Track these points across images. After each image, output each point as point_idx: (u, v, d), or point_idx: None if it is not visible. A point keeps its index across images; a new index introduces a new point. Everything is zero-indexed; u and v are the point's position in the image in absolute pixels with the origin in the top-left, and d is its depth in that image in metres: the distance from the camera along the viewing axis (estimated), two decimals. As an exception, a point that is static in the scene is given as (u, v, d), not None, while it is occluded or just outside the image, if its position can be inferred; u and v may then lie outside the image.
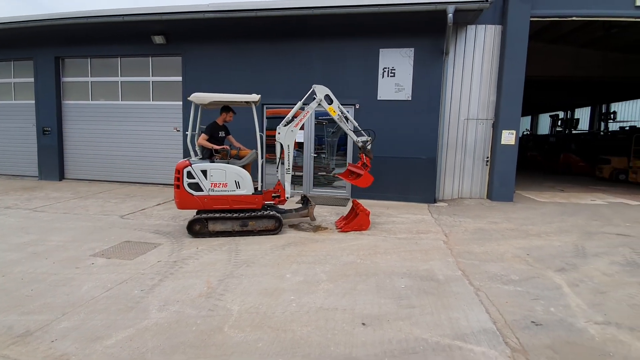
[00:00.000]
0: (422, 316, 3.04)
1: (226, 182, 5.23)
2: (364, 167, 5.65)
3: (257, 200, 5.32)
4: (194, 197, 5.17)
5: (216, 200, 5.23)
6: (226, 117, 5.77)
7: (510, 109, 8.06)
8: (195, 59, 8.93)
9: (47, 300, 3.22)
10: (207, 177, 5.18)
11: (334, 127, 8.62)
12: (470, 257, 4.56)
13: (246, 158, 5.67)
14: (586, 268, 4.29)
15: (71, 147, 10.17)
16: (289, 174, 5.56)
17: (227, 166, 5.26)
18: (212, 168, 5.21)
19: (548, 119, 23.91)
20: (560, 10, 7.95)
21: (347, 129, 5.71)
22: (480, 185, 8.59)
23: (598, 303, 3.39)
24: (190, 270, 3.99)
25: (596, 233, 5.82)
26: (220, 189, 5.23)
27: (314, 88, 5.56)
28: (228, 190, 5.24)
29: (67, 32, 9.25)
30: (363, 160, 5.71)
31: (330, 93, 5.57)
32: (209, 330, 2.77)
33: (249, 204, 5.31)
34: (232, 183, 5.25)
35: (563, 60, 12.68)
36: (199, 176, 5.16)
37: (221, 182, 5.22)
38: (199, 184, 5.16)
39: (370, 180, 5.58)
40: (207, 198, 5.20)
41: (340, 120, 5.64)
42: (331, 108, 5.57)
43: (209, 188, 5.19)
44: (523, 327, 2.93)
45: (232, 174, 5.24)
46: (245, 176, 5.28)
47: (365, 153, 5.68)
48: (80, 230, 5.44)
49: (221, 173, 5.22)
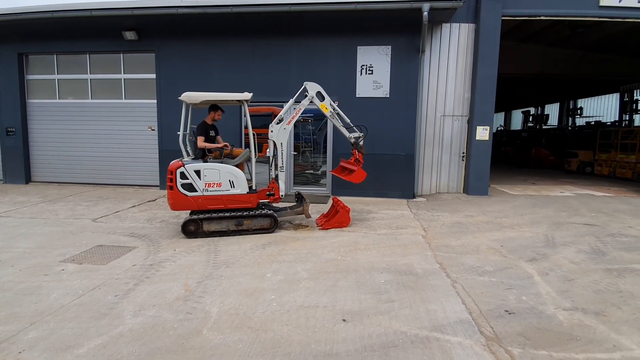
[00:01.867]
0: (401, 310, 3.10)
1: (220, 182, 5.15)
2: (357, 163, 5.69)
3: (252, 199, 5.26)
4: (188, 198, 5.08)
5: (210, 201, 5.15)
6: (215, 116, 5.68)
7: (484, 105, 8.30)
8: (169, 56, 8.67)
9: (13, 310, 3.05)
10: (200, 177, 5.09)
11: (319, 125, 8.63)
12: (448, 250, 4.68)
13: (240, 157, 5.57)
14: (555, 257, 4.49)
15: (38, 149, 9.67)
16: (282, 172, 5.52)
17: (221, 165, 5.18)
18: (206, 168, 5.12)
19: (520, 115, 24.82)
20: (529, 10, 8.24)
21: (339, 125, 5.72)
22: (457, 180, 8.82)
23: (566, 290, 3.56)
24: (167, 273, 3.89)
25: (564, 223, 6.10)
26: (215, 189, 5.15)
27: (306, 85, 5.53)
28: (222, 190, 5.17)
29: (31, 27, 8.76)
30: (355, 156, 5.75)
31: (321, 90, 5.56)
32: (187, 334, 2.72)
33: (244, 203, 5.25)
34: (227, 182, 5.17)
35: (533, 58, 13.17)
36: (193, 176, 5.06)
37: (215, 182, 5.14)
38: (193, 185, 5.07)
39: (364, 175, 5.63)
40: (201, 198, 5.11)
41: (332, 117, 5.66)
42: (323, 105, 5.59)
43: (203, 188, 5.11)
44: (497, 316, 3.03)
45: (226, 174, 5.17)
46: (240, 175, 5.21)
47: (358, 149, 5.74)
48: (49, 236, 5.19)
49: (215, 173, 5.14)
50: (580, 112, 21.22)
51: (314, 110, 8.34)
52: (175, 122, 8.41)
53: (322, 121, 9.28)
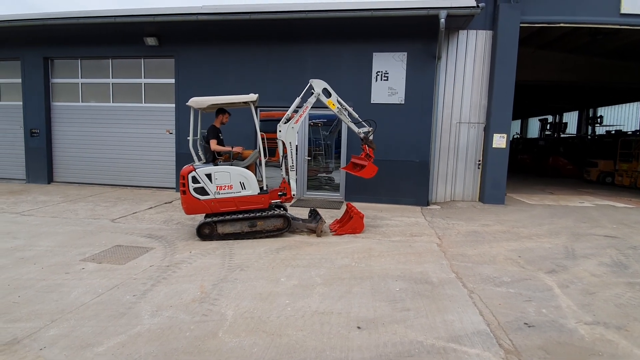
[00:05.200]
0: (417, 319, 3.06)
1: (231, 184, 5.17)
2: (368, 158, 5.61)
3: (263, 199, 5.28)
4: (201, 202, 5.13)
5: (223, 203, 5.19)
6: (222, 119, 5.70)
7: (501, 112, 8.19)
8: (188, 61, 8.86)
9: (35, 307, 3.14)
10: (212, 180, 5.12)
11: (328, 129, 8.65)
12: (464, 260, 4.60)
13: (249, 158, 5.60)
14: (576, 269, 4.37)
15: (60, 150, 9.98)
16: (293, 171, 5.48)
17: (231, 168, 5.21)
18: (216, 171, 5.15)
19: (537, 123, 24.32)
20: (548, 17, 8.12)
21: (347, 121, 5.67)
22: (472, 188, 8.69)
23: (587, 304, 3.46)
24: (183, 274, 3.94)
25: (585, 235, 5.93)
26: (226, 191, 5.17)
27: (311, 82, 5.49)
28: (234, 192, 5.19)
29: (56, 32, 9.10)
30: (366, 151, 5.67)
31: (327, 86, 5.52)
32: (203, 336, 2.74)
33: (256, 204, 5.26)
34: (237, 184, 5.19)
35: (550, 65, 12.94)
36: (204, 180, 5.11)
37: (226, 184, 5.16)
38: (205, 188, 5.12)
39: (375, 170, 5.56)
40: (214, 201, 5.15)
41: (340, 113, 5.58)
42: (330, 102, 5.51)
43: (215, 191, 5.14)
44: (516, 328, 2.96)
45: (237, 175, 5.18)
46: (250, 176, 5.23)
47: (368, 144, 5.64)
48: (70, 235, 5.33)
49: (225, 175, 5.16)
50: (600, 120, 20.67)
51: (326, 115, 8.42)
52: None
53: (333, 124, 9.29)
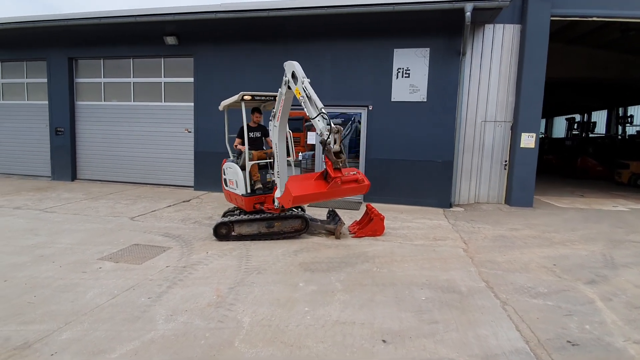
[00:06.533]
0: (447, 333, 2.83)
1: (232, 180, 5.54)
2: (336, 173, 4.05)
3: (244, 202, 5.27)
4: (226, 190, 5.79)
5: (231, 196, 5.67)
6: (254, 118, 5.81)
7: (529, 111, 7.76)
8: (206, 60, 8.84)
9: (50, 308, 3.09)
10: (225, 174, 5.71)
11: (345, 128, 8.44)
12: (493, 267, 4.31)
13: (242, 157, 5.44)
14: (617, 280, 4.02)
15: (84, 148, 10.18)
16: (278, 178, 4.92)
17: (233, 165, 5.51)
18: (227, 167, 5.64)
19: (563, 122, 23.26)
20: (580, 10, 7.67)
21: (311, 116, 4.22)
22: (498, 189, 8.29)
23: (634, 319, 3.14)
24: (199, 276, 3.83)
25: (623, 241, 5.50)
26: (232, 187, 5.58)
27: (284, 66, 4.51)
28: (234, 188, 5.51)
29: (79, 32, 9.26)
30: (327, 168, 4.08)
31: (297, 69, 4.31)
32: (219, 345, 2.60)
33: (239, 204, 5.46)
34: (234, 182, 5.48)
35: (579, 61, 12.28)
36: (225, 173, 5.71)
37: (231, 180, 5.58)
38: (226, 180, 5.74)
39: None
40: (229, 194, 5.68)
41: (304, 102, 4.24)
42: (297, 89, 4.32)
43: (228, 185, 5.66)
44: (558, 347, 2.69)
45: (234, 173, 5.46)
46: (240, 176, 5.32)
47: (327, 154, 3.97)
48: (90, 232, 5.35)
49: (230, 172, 5.60)
50: (631, 120, 19.58)
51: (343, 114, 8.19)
52: (211, 125, 8.65)
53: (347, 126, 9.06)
